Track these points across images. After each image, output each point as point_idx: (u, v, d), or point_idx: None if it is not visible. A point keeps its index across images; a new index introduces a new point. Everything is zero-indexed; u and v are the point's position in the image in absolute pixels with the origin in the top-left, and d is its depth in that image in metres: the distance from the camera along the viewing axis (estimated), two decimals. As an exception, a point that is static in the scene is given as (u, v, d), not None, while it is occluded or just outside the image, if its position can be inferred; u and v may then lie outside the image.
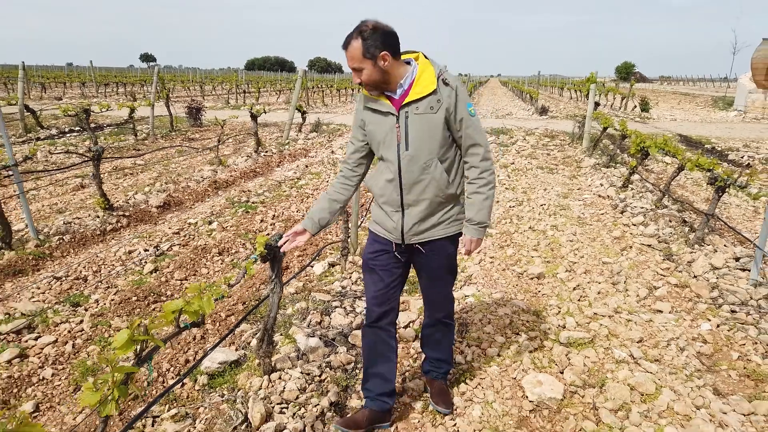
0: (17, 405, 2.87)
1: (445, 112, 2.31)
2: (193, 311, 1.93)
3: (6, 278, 4.45)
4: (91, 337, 3.54)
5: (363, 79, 2.27)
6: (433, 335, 2.85)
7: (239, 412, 2.70)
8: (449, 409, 2.80)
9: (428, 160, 2.34)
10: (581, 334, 3.62)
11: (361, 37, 2.20)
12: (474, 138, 2.38)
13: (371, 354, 2.67)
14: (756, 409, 2.85)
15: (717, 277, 4.59)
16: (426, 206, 2.42)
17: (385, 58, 2.22)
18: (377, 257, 2.57)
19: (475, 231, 2.47)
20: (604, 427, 2.73)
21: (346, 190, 2.60)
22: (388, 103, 2.34)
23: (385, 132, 2.37)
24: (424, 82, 2.30)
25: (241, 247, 5.36)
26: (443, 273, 2.63)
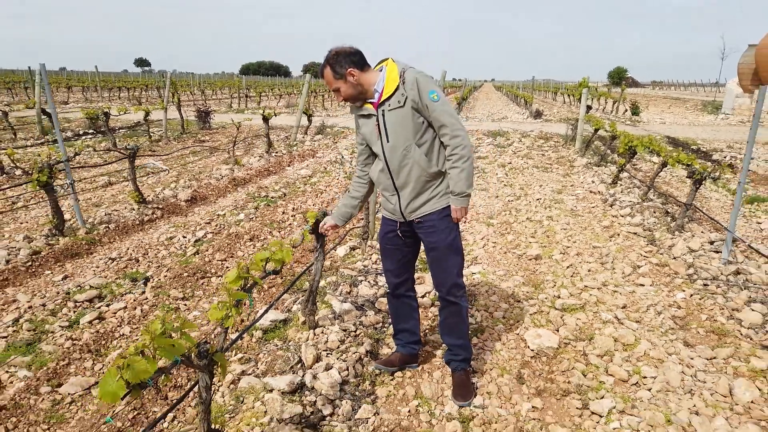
0: (106, 354, 3.46)
1: (412, 103, 2.62)
2: (277, 259, 2.52)
3: (66, 260, 5.03)
4: (155, 304, 4.13)
5: (344, 95, 2.68)
6: (446, 320, 3.06)
7: (294, 355, 3.30)
8: (467, 401, 2.97)
9: (406, 146, 2.69)
10: (573, 302, 4.24)
11: (328, 64, 2.62)
12: (440, 120, 2.65)
13: (397, 315, 3.24)
14: (717, 355, 3.47)
15: (693, 258, 5.21)
16: (414, 186, 2.76)
17: (352, 73, 2.61)
18: (388, 237, 3.01)
19: (458, 201, 2.77)
20: (592, 367, 3.34)
21: (362, 187, 3.05)
22: (370, 107, 2.73)
23: (371, 131, 2.77)
24: (390, 82, 2.65)
25: (268, 234, 5.96)
26: (444, 247, 2.85)
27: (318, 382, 3.03)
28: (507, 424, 2.80)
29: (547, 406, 2.98)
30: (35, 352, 3.43)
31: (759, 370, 3.27)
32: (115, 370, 1.56)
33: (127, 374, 1.56)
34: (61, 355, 3.38)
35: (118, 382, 1.55)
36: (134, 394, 1.62)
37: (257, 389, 2.97)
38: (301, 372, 3.15)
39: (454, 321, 3.04)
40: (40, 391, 3.02)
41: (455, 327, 3.05)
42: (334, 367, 3.20)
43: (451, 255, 2.89)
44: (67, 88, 30.30)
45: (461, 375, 3.09)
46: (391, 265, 3.08)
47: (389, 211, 2.95)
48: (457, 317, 3.02)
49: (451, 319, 3.04)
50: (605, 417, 2.86)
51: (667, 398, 3.01)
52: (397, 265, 3.07)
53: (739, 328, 3.85)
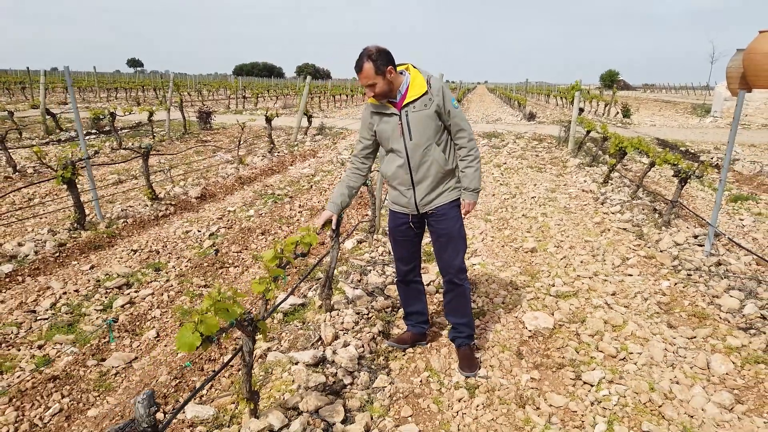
0: (141, 333, 3.78)
1: (436, 107, 2.93)
2: (306, 242, 2.85)
3: (90, 251, 5.33)
4: (180, 291, 4.44)
5: (376, 91, 2.88)
6: (451, 301, 3.34)
7: (314, 333, 3.63)
8: (473, 372, 3.28)
9: (428, 144, 2.98)
10: (567, 289, 4.59)
11: (371, 59, 2.79)
12: (460, 125, 3.05)
13: (407, 299, 3.58)
14: (697, 335, 3.83)
15: (678, 250, 5.58)
16: (431, 181, 3.05)
17: (390, 71, 2.86)
18: (400, 229, 3.29)
19: (471, 196, 3.16)
20: (584, 344, 3.69)
21: (359, 177, 3.28)
22: (392, 107, 2.98)
23: (392, 129, 2.99)
24: (417, 86, 2.94)
25: (278, 229, 6.29)
26: (454, 234, 3.17)
27: (337, 357, 3.36)
28: (509, 392, 3.14)
29: (544, 378, 3.32)
30: (76, 331, 3.75)
31: (734, 347, 3.63)
32: (191, 325, 1.89)
33: (201, 327, 1.88)
34: (102, 333, 3.70)
35: (194, 335, 1.88)
36: (204, 346, 1.95)
37: (283, 362, 3.30)
38: (321, 348, 3.48)
39: (459, 301, 3.32)
40: (87, 364, 3.34)
41: (460, 307, 3.34)
42: (351, 344, 3.53)
43: (459, 241, 3.20)
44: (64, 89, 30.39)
45: (466, 350, 3.39)
46: (401, 255, 3.39)
47: (402, 205, 3.21)
48: (462, 297, 3.31)
49: (456, 300, 3.33)
50: (596, 386, 3.21)
51: (651, 371, 3.36)
52: (409, 253, 3.37)
53: (718, 312, 4.21)
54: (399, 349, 3.57)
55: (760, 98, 20.91)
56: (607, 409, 2.99)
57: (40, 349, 3.51)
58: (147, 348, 3.63)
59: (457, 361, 3.43)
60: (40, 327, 3.78)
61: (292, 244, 2.84)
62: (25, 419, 2.84)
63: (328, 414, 2.83)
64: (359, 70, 2.83)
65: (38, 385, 3.10)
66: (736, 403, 3.05)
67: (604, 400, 3.07)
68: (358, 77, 2.88)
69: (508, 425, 2.85)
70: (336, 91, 32.68)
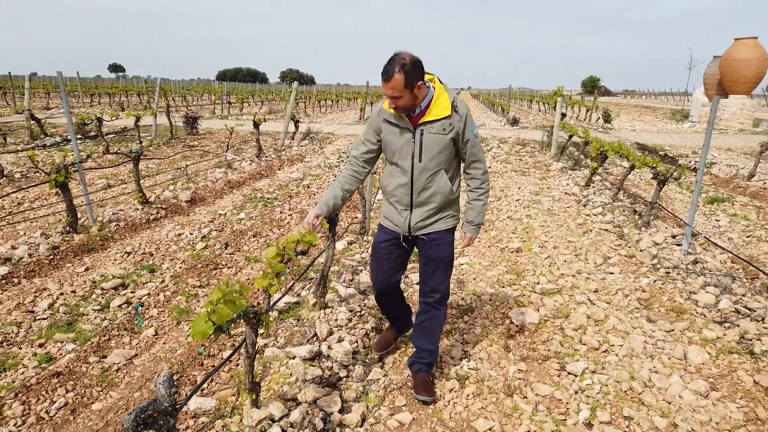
0: (140, 332, 3.88)
1: (455, 134, 2.72)
2: (306, 241, 2.98)
3: (83, 254, 5.39)
4: (176, 291, 4.54)
5: (400, 104, 2.61)
6: (423, 323, 3.12)
7: (310, 330, 3.75)
8: (431, 397, 3.06)
9: (436, 171, 2.77)
10: (552, 287, 4.77)
11: (404, 70, 2.50)
12: (477, 155, 2.86)
13: (388, 310, 3.44)
14: (674, 328, 4.02)
15: (657, 250, 5.79)
16: (431, 208, 2.85)
17: (420, 86, 2.59)
18: (385, 246, 3.06)
19: (474, 230, 3.02)
20: (568, 338, 3.86)
21: (356, 181, 3.01)
22: (407, 120, 2.72)
23: (401, 144, 2.75)
24: (440, 107, 2.68)
25: (269, 231, 6.39)
26: (444, 260, 2.99)
27: (333, 351, 3.49)
28: (497, 382, 3.29)
29: (530, 369, 3.48)
30: (76, 330, 3.83)
31: (710, 339, 3.82)
32: (204, 314, 2.01)
33: (214, 317, 2.01)
34: (102, 331, 3.79)
35: (207, 324, 2.00)
36: (216, 335, 2.07)
37: (281, 357, 3.42)
38: (317, 344, 3.61)
39: (432, 325, 3.12)
40: (89, 361, 3.43)
41: (431, 331, 3.13)
42: (345, 340, 3.66)
43: (449, 267, 3.04)
44: (47, 94, 30.17)
45: (425, 376, 3.17)
46: (379, 275, 3.15)
47: (395, 223, 2.98)
48: (436, 322, 3.12)
49: (429, 324, 3.12)
50: (579, 376, 3.37)
51: (632, 361, 3.54)
52: (389, 272, 3.11)
53: (695, 307, 4.41)
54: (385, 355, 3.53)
55: (736, 104, 21.44)
56: (591, 397, 3.15)
57: (41, 347, 3.59)
58: (146, 345, 3.72)
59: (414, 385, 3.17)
60: (40, 326, 3.85)
61: (293, 242, 2.98)
62: (31, 413, 2.93)
63: (325, 404, 2.96)
64: (387, 79, 2.53)
65: (42, 380, 3.19)
66: (711, 390, 3.23)
67: (588, 388, 3.24)
68: (382, 85, 2.57)
69: (497, 413, 3.00)
70: (321, 96, 32.82)
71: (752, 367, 3.46)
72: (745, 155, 13.27)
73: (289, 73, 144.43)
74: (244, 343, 2.65)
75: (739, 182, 9.77)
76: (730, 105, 21.56)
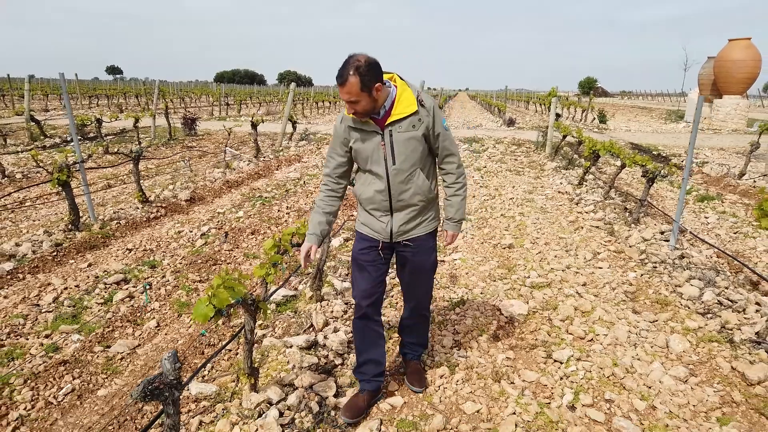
0: (142, 324, 4.02)
1: (425, 129, 2.61)
2: (302, 233, 3.13)
3: (86, 251, 5.53)
4: (176, 286, 4.68)
5: (358, 109, 2.49)
6: (413, 326, 3.18)
7: (306, 321, 3.90)
8: (422, 388, 3.13)
9: (412, 171, 2.66)
10: (541, 280, 4.91)
11: (358, 73, 2.37)
12: (449, 149, 2.74)
13: (363, 343, 2.96)
14: (658, 318, 4.17)
15: (646, 245, 5.94)
16: (412, 210, 2.74)
17: (378, 88, 2.46)
18: (365, 253, 2.84)
19: (455, 227, 2.91)
20: (555, 328, 4.00)
21: (335, 200, 2.86)
22: (373, 123, 2.59)
23: (372, 149, 2.62)
24: (405, 104, 2.56)
25: (267, 229, 6.53)
26: (427, 266, 2.92)
27: (328, 341, 3.63)
28: (486, 369, 3.44)
29: (518, 357, 3.63)
30: (80, 322, 3.97)
31: (692, 329, 3.97)
32: (206, 298, 2.16)
33: (215, 300, 2.15)
34: (105, 323, 3.93)
35: (208, 307, 2.15)
36: (216, 318, 2.22)
37: (278, 346, 3.56)
38: (313, 334, 3.75)
39: (420, 327, 3.20)
40: (94, 350, 3.57)
41: (420, 330, 3.21)
42: (340, 330, 3.80)
43: (431, 275, 3.00)
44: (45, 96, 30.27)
45: (417, 363, 3.25)
46: (366, 284, 2.87)
47: (375, 230, 2.82)
48: (425, 323, 3.21)
49: (417, 326, 3.19)
50: (565, 363, 3.52)
51: (615, 349, 3.68)
52: (372, 284, 2.87)
53: (680, 299, 4.55)
54: (352, 424, 2.87)
55: (730, 104, 21.64)
56: (575, 382, 3.30)
57: (47, 338, 3.73)
58: (149, 336, 3.86)
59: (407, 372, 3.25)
60: (45, 319, 3.99)
61: (289, 235, 3.12)
62: (40, 398, 3.07)
63: (321, 389, 3.10)
64: (342, 83, 2.41)
65: (50, 368, 3.33)
66: (690, 376, 3.38)
67: (572, 374, 3.38)
68: (339, 90, 2.46)
69: (485, 396, 3.14)
70: (319, 98, 32.98)
71: (730, 354, 3.61)
72: (737, 154, 13.45)
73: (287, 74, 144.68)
74: (243, 329, 2.78)
75: (730, 181, 9.93)
76: (724, 105, 21.77)
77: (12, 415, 2.90)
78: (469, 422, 2.92)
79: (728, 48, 21.71)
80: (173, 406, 1.82)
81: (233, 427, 2.74)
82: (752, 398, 3.15)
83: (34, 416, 2.93)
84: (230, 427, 2.75)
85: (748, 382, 3.31)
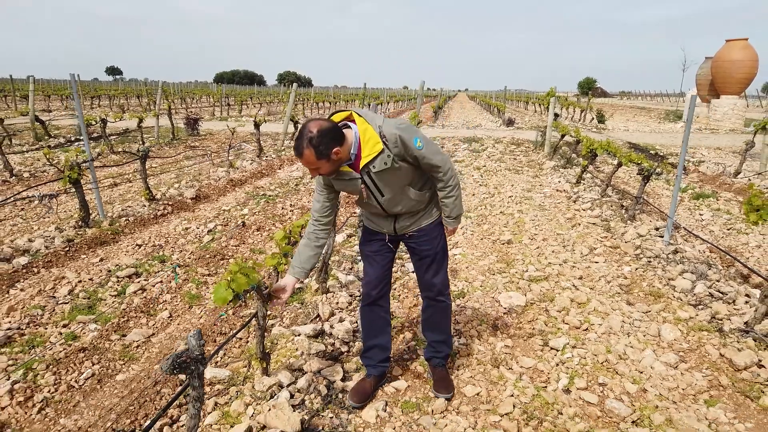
0: (155, 314, 4.18)
1: (399, 159, 2.58)
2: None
3: (96, 247, 5.70)
4: (186, 279, 4.84)
5: (323, 173, 2.55)
6: (431, 317, 3.17)
7: (313, 311, 4.06)
8: (449, 393, 3.12)
9: (402, 191, 2.71)
10: (539, 274, 5.08)
11: (311, 145, 2.38)
12: (431, 163, 2.67)
13: (370, 330, 3.11)
14: (651, 309, 4.33)
15: (641, 241, 6.11)
16: (411, 214, 2.85)
17: (337, 152, 2.45)
18: (372, 244, 2.99)
19: (454, 222, 2.97)
20: (552, 318, 4.17)
21: (325, 233, 2.88)
22: (350, 170, 2.60)
23: (356, 189, 2.67)
24: (371, 144, 2.53)
25: (272, 225, 6.70)
26: (435, 252, 2.97)
27: (335, 330, 3.80)
28: (485, 355, 3.60)
29: (516, 345, 3.79)
30: (96, 313, 4.13)
31: (683, 319, 4.14)
32: (225, 283, 2.32)
33: (233, 285, 2.31)
34: (120, 314, 4.09)
35: (227, 291, 2.31)
36: (234, 302, 2.38)
37: (287, 335, 3.72)
38: (320, 323, 3.92)
39: (440, 318, 3.16)
40: (111, 338, 3.74)
41: (440, 323, 3.17)
42: (346, 320, 3.97)
43: (444, 259, 3.05)
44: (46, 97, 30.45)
45: (442, 371, 3.23)
46: (374, 273, 3.00)
47: (380, 227, 2.95)
48: (443, 315, 3.15)
49: (436, 317, 3.16)
50: (561, 350, 3.68)
51: (609, 338, 3.85)
52: (380, 272, 3.00)
53: (672, 292, 4.72)
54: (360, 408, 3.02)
55: (727, 104, 21.81)
56: (570, 368, 3.46)
57: (65, 327, 3.89)
58: (162, 326, 4.03)
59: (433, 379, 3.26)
60: (62, 309, 4.15)
61: (299, 227, 3.29)
62: (62, 382, 3.23)
63: (329, 374, 3.26)
64: (299, 155, 2.45)
65: (70, 354, 3.49)
66: (680, 362, 3.55)
67: (568, 361, 3.55)
68: (299, 160, 2.49)
69: (485, 381, 3.31)
70: (319, 98, 33.17)
71: (719, 342, 3.77)
72: (734, 154, 13.62)
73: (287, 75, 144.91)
74: (256, 315, 2.95)
75: (726, 179, 10.10)
76: (722, 105, 21.93)
77: (37, 397, 3.06)
78: (470, 404, 3.08)
79: (725, 48, 21.88)
80: (198, 379, 1.98)
81: (247, 408, 2.91)
82: (738, 382, 3.32)
83: (58, 398, 3.09)
84: (244, 408, 2.91)
85: (735, 367, 3.47)
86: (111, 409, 2.99)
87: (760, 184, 9.41)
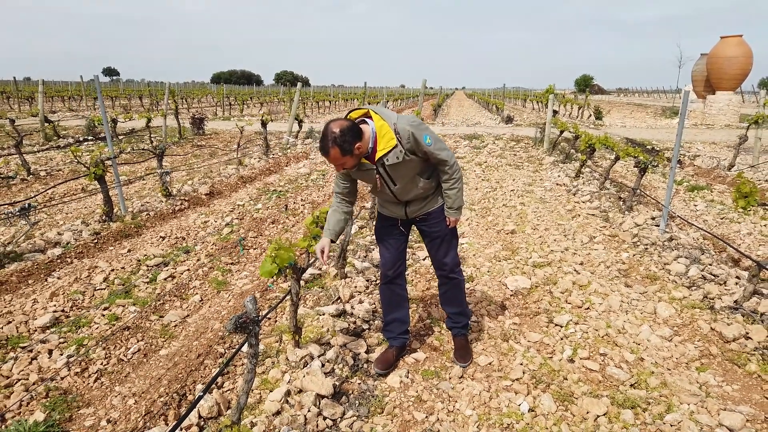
0: (188, 298, 4.50)
1: (411, 153, 2.85)
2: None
3: (122, 239, 6.01)
4: (212, 267, 5.16)
5: (348, 167, 2.82)
6: (447, 293, 3.45)
7: (334, 294, 4.38)
8: (466, 362, 3.46)
9: (413, 181, 3.00)
10: (542, 260, 5.40)
11: (336, 144, 2.65)
12: (438, 158, 2.94)
13: (389, 305, 3.44)
14: (648, 290, 4.66)
15: (638, 230, 6.43)
16: (421, 200, 3.12)
17: (359, 147, 2.73)
18: (386, 228, 3.30)
19: (455, 213, 3.17)
20: (556, 299, 4.49)
21: (348, 205, 3.17)
22: (368, 162, 2.88)
23: (371, 179, 2.96)
24: (386, 139, 2.79)
25: (285, 219, 7.01)
26: (447, 234, 3.24)
27: (355, 310, 4.12)
28: (495, 331, 3.92)
29: (523, 322, 4.11)
30: (133, 297, 4.45)
31: (677, 298, 4.46)
32: (270, 258, 2.64)
33: (278, 260, 2.63)
34: (156, 297, 4.41)
35: (273, 266, 2.62)
36: (277, 276, 2.69)
37: (312, 314, 4.04)
38: (341, 304, 4.24)
39: (454, 293, 3.45)
40: (150, 319, 4.06)
41: (455, 298, 3.46)
42: (365, 302, 4.29)
43: (453, 239, 3.31)
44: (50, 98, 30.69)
45: (462, 339, 3.56)
46: (390, 255, 3.30)
47: (392, 212, 3.24)
48: (457, 289, 3.44)
49: (451, 292, 3.44)
50: (564, 326, 4.01)
51: (609, 315, 4.17)
52: (395, 254, 3.31)
53: (668, 275, 5.04)
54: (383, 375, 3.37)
55: (723, 100, 22.16)
56: (573, 341, 3.79)
57: (107, 310, 4.21)
58: (195, 309, 4.35)
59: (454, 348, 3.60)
60: (101, 294, 4.47)
61: (325, 213, 3.60)
62: (113, 356, 3.55)
63: (353, 347, 3.58)
64: (325, 154, 2.73)
65: (116, 333, 3.81)
66: (674, 335, 3.87)
67: (571, 335, 3.87)
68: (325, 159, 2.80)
69: (496, 352, 3.63)
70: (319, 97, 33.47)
71: (711, 318, 4.10)
72: (728, 148, 13.96)
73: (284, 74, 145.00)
74: (290, 292, 3.26)
75: (720, 172, 10.43)
76: (717, 101, 22.28)
77: (92, 368, 3.38)
78: (483, 371, 3.41)
79: (720, 45, 22.23)
80: (255, 337, 2.30)
81: (284, 375, 3.23)
82: (727, 352, 3.64)
83: (111, 369, 3.41)
84: (281, 375, 3.23)
85: (724, 339, 3.80)
86: (159, 379, 3.30)
87: (753, 176, 9.74)
